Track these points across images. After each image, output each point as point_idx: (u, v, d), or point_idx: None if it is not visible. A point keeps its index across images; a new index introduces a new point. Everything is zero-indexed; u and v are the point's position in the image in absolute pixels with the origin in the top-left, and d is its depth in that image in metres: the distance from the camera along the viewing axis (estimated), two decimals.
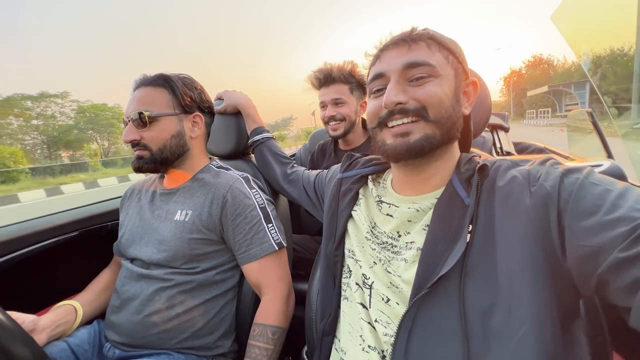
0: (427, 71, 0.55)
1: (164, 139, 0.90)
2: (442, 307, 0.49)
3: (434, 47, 0.57)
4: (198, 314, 0.86)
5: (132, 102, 0.89)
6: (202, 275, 0.88)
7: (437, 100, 0.55)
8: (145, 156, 0.89)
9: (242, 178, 0.96)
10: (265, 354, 0.81)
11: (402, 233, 0.59)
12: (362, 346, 0.59)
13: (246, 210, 0.89)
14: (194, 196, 0.92)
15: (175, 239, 0.86)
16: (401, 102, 0.55)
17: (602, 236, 0.40)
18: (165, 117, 0.90)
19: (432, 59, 0.56)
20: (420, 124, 0.55)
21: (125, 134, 0.89)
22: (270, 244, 0.89)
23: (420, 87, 0.56)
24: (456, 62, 0.58)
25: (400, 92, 0.56)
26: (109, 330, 0.88)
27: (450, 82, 0.57)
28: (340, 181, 0.76)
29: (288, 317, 0.91)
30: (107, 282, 1.01)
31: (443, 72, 0.56)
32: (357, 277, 0.64)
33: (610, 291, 0.40)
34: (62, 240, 1.05)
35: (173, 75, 0.94)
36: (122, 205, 1.05)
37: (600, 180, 0.45)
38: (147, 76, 0.93)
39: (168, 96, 0.91)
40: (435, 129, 0.55)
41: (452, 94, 0.56)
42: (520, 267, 0.45)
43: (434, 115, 0.55)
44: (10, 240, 0.93)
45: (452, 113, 0.56)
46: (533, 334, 0.44)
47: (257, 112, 1.15)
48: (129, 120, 0.88)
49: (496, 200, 0.50)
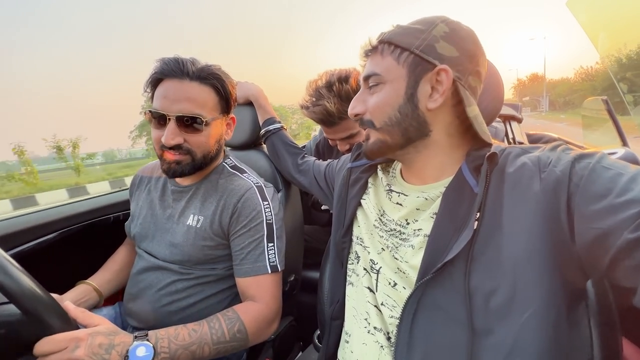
0: (375, 80, 0.59)
1: (210, 145, 0.84)
2: (447, 290, 0.50)
3: (386, 52, 0.58)
4: (216, 302, 0.88)
5: (177, 98, 0.77)
6: (222, 271, 0.89)
7: (379, 109, 0.58)
8: (185, 161, 0.81)
9: (257, 187, 0.89)
10: (219, 336, 0.74)
11: (411, 221, 0.60)
12: (367, 328, 0.61)
13: (252, 223, 0.85)
14: (206, 201, 0.88)
15: (188, 245, 0.85)
16: (359, 114, 0.62)
17: (612, 219, 0.40)
18: (215, 122, 0.83)
19: (380, 66, 0.58)
20: (372, 131, 0.61)
21: (169, 137, 0.77)
22: (264, 266, 0.83)
23: (371, 96, 0.60)
24: (412, 57, 0.55)
25: (359, 103, 0.62)
26: (128, 317, 0.91)
27: (399, 84, 0.57)
28: (350, 170, 0.77)
29: (260, 337, 0.82)
30: (124, 261, 1.02)
31: (389, 77, 0.57)
32: (365, 263, 0.65)
33: (619, 273, 0.40)
34: (75, 230, 1.08)
35: (221, 72, 0.84)
36: (132, 194, 1.03)
37: (612, 164, 0.45)
38: (190, 65, 0.79)
39: (216, 97, 0.83)
40: (385, 135, 0.59)
41: (401, 97, 0.57)
42: (527, 252, 0.46)
43: (379, 124, 0.59)
44: (23, 231, 0.96)
45: (399, 118, 0.57)
46: (537, 317, 0.45)
47: (268, 102, 1.16)
48: (168, 119, 0.77)
49: (505, 186, 0.50)
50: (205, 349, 0.72)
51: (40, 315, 0.54)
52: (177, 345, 0.69)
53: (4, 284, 0.51)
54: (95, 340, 0.61)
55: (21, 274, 0.53)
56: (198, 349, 0.71)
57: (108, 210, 1.19)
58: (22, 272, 0.53)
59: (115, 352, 0.62)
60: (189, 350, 0.70)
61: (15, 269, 0.53)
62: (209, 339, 0.72)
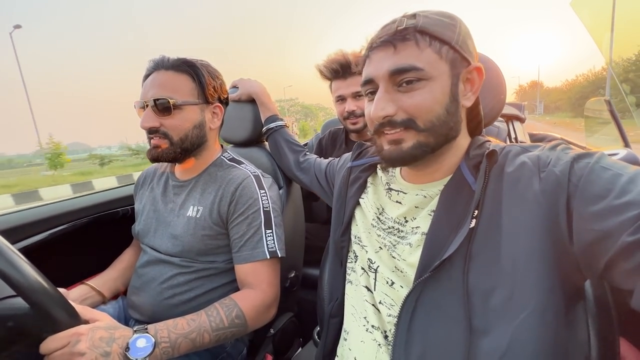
0: (415, 75, 0.52)
1: (186, 129, 0.87)
2: (445, 289, 0.50)
3: (423, 43, 0.52)
4: (217, 296, 0.89)
5: (152, 85, 0.84)
6: (222, 264, 0.90)
7: (427, 109, 0.52)
8: (163, 146, 0.86)
9: (254, 176, 0.92)
10: (218, 323, 0.75)
11: (409, 219, 0.60)
12: (365, 327, 0.61)
13: (249, 211, 0.87)
14: (205, 192, 0.91)
15: (189, 235, 0.87)
16: (388, 115, 0.54)
17: (611, 220, 0.40)
18: (189, 106, 0.86)
19: (420, 59, 0.52)
20: (411, 132, 0.54)
21: (144, 120, 0.83)
22: (263, 252, 0.85)
23: (408, 94, 0.53)
24: (452, 52, 0.53)
25: (388, 103, 0.54)
26: (131, 309, 0.92)
27: (444, 81, 0.53)
28: (350, 169, 0.77)
29: (259, 321, 0.84)
30: (130, 261, 1.04)
31: (434, 72, 0.52)
32: (362, 262, 0.66)
33: (616, 275, 0.40)
34: (80, 225, 1.09)
35: (197, 62, 0.89)
36: (136, 193, 1.06)
37: (611, 164, 0.44)
38: (167, 58, 0.87)
39: (192, 84, 0.87)
40: (428, 137, 0.54)
41: (447, 95, 0.53)
42: (526, 252, 0.46)
43: (424, 125, 0.53)
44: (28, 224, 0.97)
45: (446, 117, 0.53)
46: (535, 316, 0.45)
47: (271, 100, 1.16)
48: (146, 105, 0.83)
49: (504, 186, 0.50)
50: (205, 336, 0.73)
51: (48, 309, 0.54)
52: (176, 335, 0.70)
53: (12, 277, 0.51)
54: (96, 334, 0.62)
55: (29, 268, 0.53)
56: (198, 337, 0.72)
57: (114, 204, 1.20)
58: (29, 266, 0.54)
59: (116, 344, 0.63)
60: (189, 339, 0.71)
61: (23, 262, 0.53)
62: (208, 327, 0.74)
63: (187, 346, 0.71)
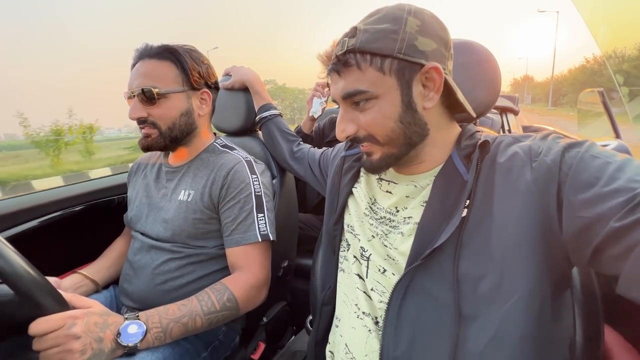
0: (362, 97, 0.53)
1: (174, 117, 0.87)
2: (435, 276, 0.51)
3: (364, 64, 0.52)
4: (208, 283, 0.89)
5: (137, 75, 0.84)
6: (213, 250, 0.91)
7: (379, 126, 0.54)
8: (153, 135, 0.87)
9: (245, 161, 0.93)
10: (210, 307, 0.76)
11: (400, 208, 0.61)
12: (357, 313, 0.62)
13: (241, 195, 0.88)
14: (197, 176, 0.91)
15: (180, 218, 0.88)
16: (350, 135, 0.57)
17: (599, 207, 0.40)
18: (174, 94, 0.86)
19: (363, 82, 0.52)
20: (375, 146, 0.57)
21: (132, 111, 0.84)
22: (254, 234, 0.86)
23: (363, 113, 0.55)
24: (397, 62, 0.51)
25: (348, 124, 0.56)
26: (123, 297, 0.92)
27: (393, 95, 0.53)
28: (343, 159, 0.77)
29: (250, 303, 0.85)
30: (122, 250, 1.04)
31: (380, 90, 0.52)
32: (355, 250, 0.66)
33: (603, 261, 0.41)
34: (72, 213, 1.08)
35: (180, 48, 0.88)
36: (129, 181, 1.06)
37: (600, 153, 0.45)
38: (150, 46, 0.87)
39: (176, 71, 0.87)
40: (391, 148, 0.56)
41: (398, 107, 0.53)
42: (516, 240, 0.47)
43: (382, 139, 0.55)
44: (19, 212, 0.96)
45: (402, 128, 0.54)
46: (522, 303, 0.46)
47: (264, 88, 1.15)
48: (133, 95, 0.84)
49: (496, 176, 0.50)
50: (197, 320, 0.74)
51: (33, 295, 0.54)
52: (168, 320, 0.70)
53: None
54: (91, 318, 0.62)
55: (12, 254, 0.53)
56: (190, 321, 0.73)
57: (105, 193, 1.19)
58: (13, 252, 0.53)
59: (109, 330, 0.63)
60: (180, 323, 0.72)
61: (7, 249, 0.53)
62: (199, 311, 0.74)
63: (180, 331, 0.72)
